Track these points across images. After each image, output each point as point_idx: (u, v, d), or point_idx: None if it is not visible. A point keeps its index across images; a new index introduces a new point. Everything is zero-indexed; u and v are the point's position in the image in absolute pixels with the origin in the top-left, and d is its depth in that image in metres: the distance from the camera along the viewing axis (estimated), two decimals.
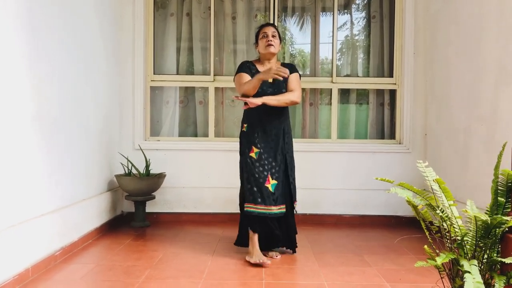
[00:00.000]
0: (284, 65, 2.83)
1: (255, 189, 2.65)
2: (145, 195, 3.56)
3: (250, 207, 2.66)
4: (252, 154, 2.72)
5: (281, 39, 2.88)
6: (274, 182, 2.70)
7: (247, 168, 2.72)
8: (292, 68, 2.80)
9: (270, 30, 2.77)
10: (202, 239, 3.23)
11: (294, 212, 2.87)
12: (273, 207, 2.65)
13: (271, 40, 2.74)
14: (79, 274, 2.42)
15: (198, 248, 2.97)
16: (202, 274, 2.44)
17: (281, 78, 2.57)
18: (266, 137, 2.74)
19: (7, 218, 2.16)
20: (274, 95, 2.67)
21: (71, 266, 2.56)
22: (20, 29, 2.27)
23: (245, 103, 2.60)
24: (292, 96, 2.70)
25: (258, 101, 2.57)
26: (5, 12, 2.14)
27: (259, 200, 2.64)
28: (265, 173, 2.68)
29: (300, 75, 2.86)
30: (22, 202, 2.30)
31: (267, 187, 2.66)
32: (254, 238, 2.69)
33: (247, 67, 2.79)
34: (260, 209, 2.63)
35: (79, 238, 2.94)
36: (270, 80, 2.75)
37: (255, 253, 2.64)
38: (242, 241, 2.87)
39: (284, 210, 2.72)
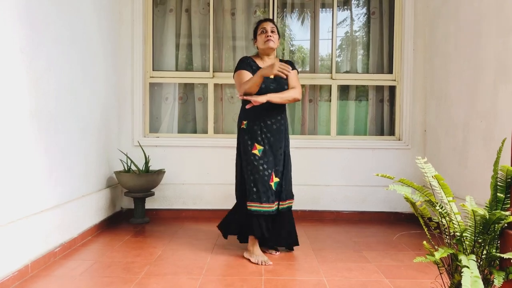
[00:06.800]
0: (283, 61, 2.80)
1: (260, 188, 2.62)
2: (144, 191, 3.56)
3: (255, 206, 2.62)
4: (255, 151, 2.66)
5: (280, 35, 2.87)
6: (276, 180, 2.70)
7: (250, 166, 2.65)
8: (291, 65, 2.79)
9: (269, 26, 2.74)
10: (201, 236, 3.23)
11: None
12: (273, 205, 2.66)
13: (270, 36, 2.71)
14: (78, 271, 2.42)
15: (198, 245, 2.98)
16: (202, 270, 2.44)
17: (284, 76, 2.48)
18: (269, 134, 2.71)
19: (6, 214, 2.16)
20: (277, 92, 2.65)
21: (71, 263, 2.56)
22: (18, 24, 2.26)
23: (249, 102, 2.56)
24: (294, 93, 2.70)
25: (263, 99, 2.53)
26: (3, 7, 2.13)
27: (264, 199, 2.61)
28: (269, 170, 2.66)
29: (298, 72, 2.84)
30: (21, 198, 2.30)
31: (271, 185, 2.66)
32: (255, 238, 2.68)
33: (248, 64, 2.73)
34: (266, 207, 2.62)
35: (78, 235, 2.94)
36: (272, 76, 2.73)
37: (256, 253, 2.64)
38: (225, 226, 2.87)
39: (277, 206, 2.70)
